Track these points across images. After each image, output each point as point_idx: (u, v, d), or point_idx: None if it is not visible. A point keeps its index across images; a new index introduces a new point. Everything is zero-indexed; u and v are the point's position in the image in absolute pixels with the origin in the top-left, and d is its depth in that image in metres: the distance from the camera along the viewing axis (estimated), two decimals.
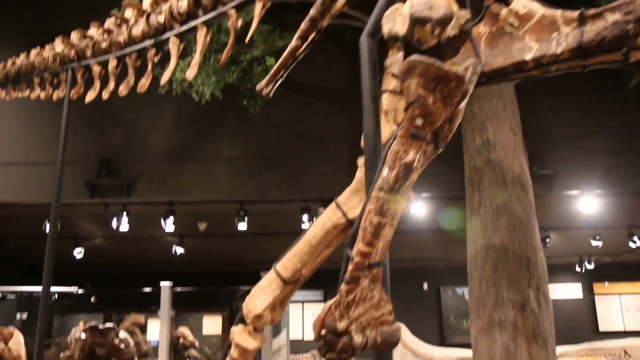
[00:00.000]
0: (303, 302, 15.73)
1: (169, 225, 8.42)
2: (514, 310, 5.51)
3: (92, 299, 14.24)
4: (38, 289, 4.17)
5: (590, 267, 13.17)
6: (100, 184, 8.32)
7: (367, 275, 2.85)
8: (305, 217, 8.13)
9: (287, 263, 3.87)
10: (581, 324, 15.00)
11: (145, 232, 10.61)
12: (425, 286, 16.60)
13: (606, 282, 15.08)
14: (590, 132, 8.10)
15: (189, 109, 8.09)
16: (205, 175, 8.03)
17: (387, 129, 2.72)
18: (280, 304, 4.04)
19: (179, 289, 8.26)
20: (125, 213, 8.54)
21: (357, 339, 2.79)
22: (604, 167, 8.12)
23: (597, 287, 15.38)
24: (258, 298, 3.88)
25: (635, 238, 10.78)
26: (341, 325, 2.79)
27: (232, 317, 16.08)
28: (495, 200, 5.91)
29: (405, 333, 14.96)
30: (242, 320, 4.04)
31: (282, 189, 7.94)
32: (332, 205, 3.86)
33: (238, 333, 3.91)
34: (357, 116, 2.17)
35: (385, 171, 2.51)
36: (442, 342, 15.81)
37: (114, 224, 8.63)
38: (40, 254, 4.00)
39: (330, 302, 2.90)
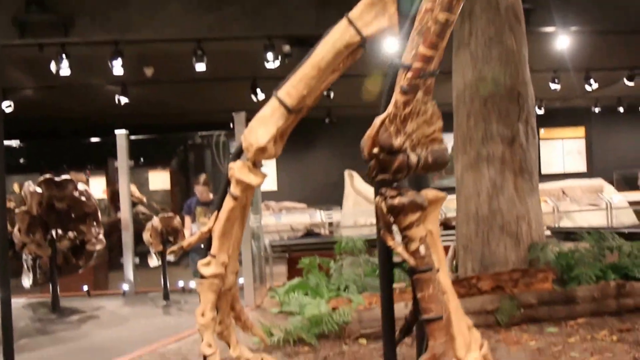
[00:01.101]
0: None
1: (116, 68, 7.56)
2: (503, 144, 5.37)
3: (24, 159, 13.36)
4: None
5: (540, 112, 13.43)
6: (31, 21, 7.21)
7: (423, 86, 2.44)
8: (270, 55, 7.48)
9: (292, 90, 3.35)
10: None
11: (86, 80, 9.62)
12: None
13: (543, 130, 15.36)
14: None
15: None
16: (156, 9, 7.07)
17: None
18: (281, 136, 3.60)
19: (133, 137, 7.64)
20: (64, 55, 7.55)
21: (413, 157, 2.45)
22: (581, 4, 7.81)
23: (544, 132, 15.76)
24: (259, 130, 3.40)
25: (591, 81, 10.86)
26: (397, 141, 2.43)
27: (183, 170, 15.69)
28: (488, 30, 5.52)
29: (358, 180, 15.17)
30: (240, 155, 3.61)
31: (243, 24, 7.16)
32: (344, 22, 3.27)
33: (238, 169, 3.48)
34: None
35: None
36: None
37: (53, 67, 7.65)
38: None
39: (382, 117, 2.49)
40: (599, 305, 4.46)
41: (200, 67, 7.45)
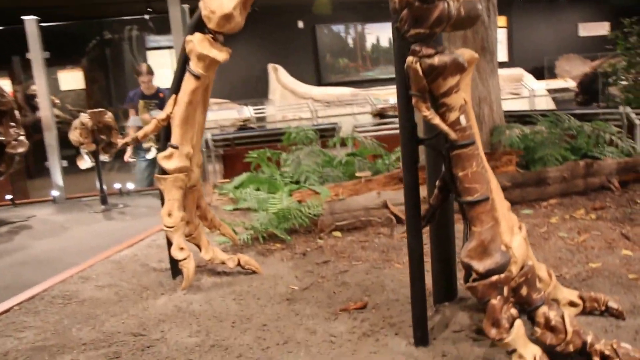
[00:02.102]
0: None
1: None
2: None
3: None
4: None
5: None
6: None
7: None
8: None
9: None
10: None
11: None
12: (301, 24, 15.80)
13: None
14: None
15: None
16: None
17: None
18: (244, 5, 3.03)
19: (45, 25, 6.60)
20: None
21: (453, 6, 2.03)
22: None
23: None
24: None
25: None
26: None
27: (99, 65, 14.32)
28: None
29: (283, 74, 14.57)
30: (200, 27, 3.03)
31: None
32: None
33: (198, 42, 2.93)
34: None
35: None
36: (319, 81, 15.71)
37: None
38: None
39: None
40: (568, 186, 4.42)
41: None
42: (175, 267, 3.32)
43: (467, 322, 2.57)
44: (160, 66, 13.22)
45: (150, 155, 5.80)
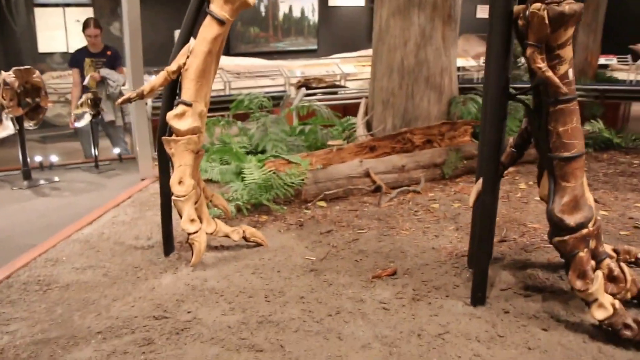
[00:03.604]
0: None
1: None
2: None
3: None
4: None
5: None
6: None
7: None
8: None
9: None
10: (360, 33, 15.66)
11: None
12: None
13: None
14: None
15: None
16: None
17: None
18: None
19: None
20: None
21: None
22: None
23: None
24: None
25: None
26: None
27: None
28: None
29: (191, 40, 13.83)
30: None
31: None
32: None
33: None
34: None
35: None
36: (228, 51, 15.09)
37: None
38: None
39: None
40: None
41: None
42: (168, 244, 2.96)
43: (512, 280, 2.55)
44: (55, 27, 11.97)
45: (83, 123, 5.11)
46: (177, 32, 13.66)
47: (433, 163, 4.38)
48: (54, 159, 5.53)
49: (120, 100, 2.63)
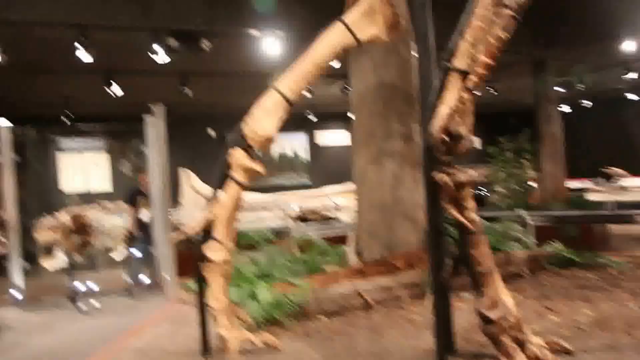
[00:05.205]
0: None
1: None
2: (401, 141, 6.19)
3: None
4: None
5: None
6: None
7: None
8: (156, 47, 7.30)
9: (293, 85, 3.73)
10: (345, 167, 17.12)
11: None
12: (212, 133, 16.57)
13: None
14: None
15: None
16: None
17: None
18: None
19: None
20: None
21: (471, 142, 3.01)
22: None
23: None
24: (265, 120, 3.71)
25: None
26: (463, 130, 2.98)
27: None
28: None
29: (194, 178, 15.01)
30: (239, 143, 3.77)
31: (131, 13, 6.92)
32: (340, 26, 3.75)
33: (242, 157, 3.69)
34: None
35: None
36: None
37: None
38: None
39: (447, 110, 2.98)
40: None
41: (86, 58, 6.91)
42: (206, 346, 3.78)
43: None
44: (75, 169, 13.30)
45: (119, 257, 6.00)
46: (181, 171, 14.75)
47: (413, 283, 5.28)
48: (92, 285, 6.35)
49: (182, 233, 3.63)
